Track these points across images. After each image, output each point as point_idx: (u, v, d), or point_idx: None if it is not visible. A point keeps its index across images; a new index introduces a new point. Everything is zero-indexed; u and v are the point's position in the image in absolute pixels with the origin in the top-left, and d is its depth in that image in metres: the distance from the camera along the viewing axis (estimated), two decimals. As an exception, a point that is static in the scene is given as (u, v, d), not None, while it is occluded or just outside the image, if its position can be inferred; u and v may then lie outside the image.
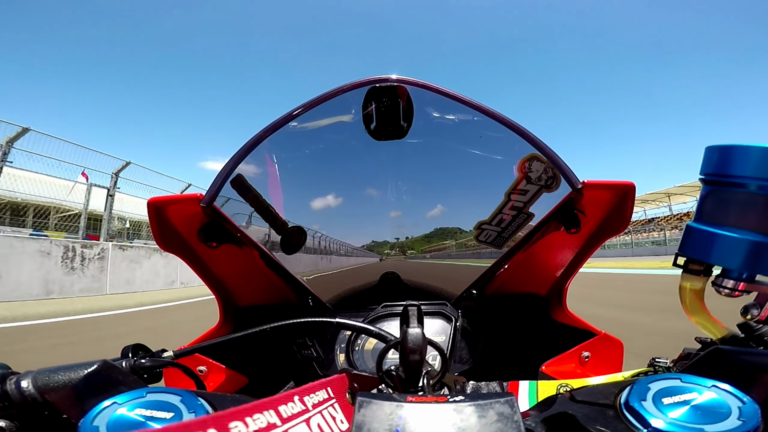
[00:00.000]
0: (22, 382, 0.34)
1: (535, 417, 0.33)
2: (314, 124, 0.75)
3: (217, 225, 0.75)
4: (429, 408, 0.27)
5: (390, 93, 0.71)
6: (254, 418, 0.25)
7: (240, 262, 0.84)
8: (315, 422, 0.30)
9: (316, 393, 0.33)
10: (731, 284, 0.44)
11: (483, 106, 0.69)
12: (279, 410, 0.27)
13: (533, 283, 0.94)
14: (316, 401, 0.32)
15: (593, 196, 0.70)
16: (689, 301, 0.49)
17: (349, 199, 0.86)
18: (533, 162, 0.73)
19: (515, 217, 0.81)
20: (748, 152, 0.42)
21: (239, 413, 0.24)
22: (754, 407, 0.28)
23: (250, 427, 0.24)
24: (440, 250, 0.95)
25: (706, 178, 0.47)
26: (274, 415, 0.27)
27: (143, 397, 0.33)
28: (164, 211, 0.71)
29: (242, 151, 0.70)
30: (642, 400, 0.30)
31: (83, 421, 0.30)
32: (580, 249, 0.83)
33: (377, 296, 0.94)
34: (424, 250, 0.96)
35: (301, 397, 0.31)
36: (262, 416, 0.26)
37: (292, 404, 0.29)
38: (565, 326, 0.88)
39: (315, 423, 0.30)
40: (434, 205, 0.88)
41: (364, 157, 0.82)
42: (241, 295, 0.93)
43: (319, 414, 0.31)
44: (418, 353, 0.43)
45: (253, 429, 0.24)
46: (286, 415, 0.28)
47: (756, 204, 0.42)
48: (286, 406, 0.28)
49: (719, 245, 0.44)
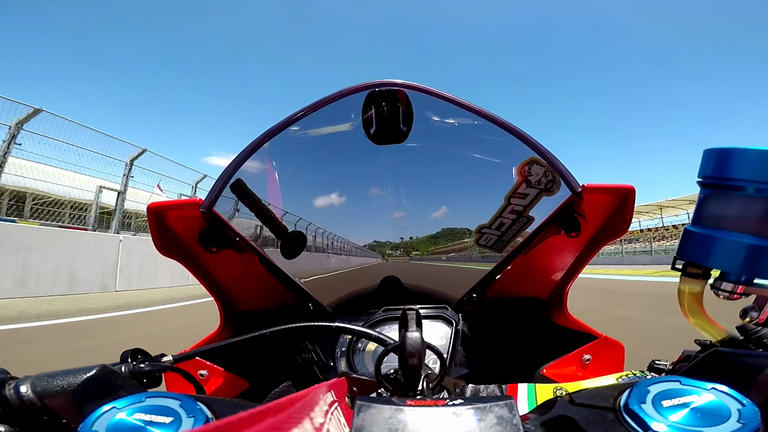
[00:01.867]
0: (21, 387, 0.34)
1: (534, 420, 0.33)
2: (314, 129, 0.75)
3: (216, 230, 0.75)
4: (428, 412, 0.27)
5: (390, 97, 0.71)
6: (254, 430, 0.24)
7: (240, 267, 0.84)
8: (315, 426, 0.30)
9: (318, 397, 0.33)
10: (730, 287, 0.44)
11: (482, 110, 0.69)
12: (279, 416, 0.27)
13: (534, 287, 0.94)
14: (317, 404, 0.32)
15: (593, 199, 0.70)
16: (688, 304, 0.49)
17: (349, 204, 0.86)
18: (533, 165, 0.73)
19: (515, 221, 0.81)
20: (746, 155, 0.42)
21: (240, 423, 0.23)
22: (753, 409, 0.28)
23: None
24: (459, 251, 0.92)
25: (704, 181, 0.47)
26: (274, 421, 0.26)
27: (142, 401, 0.33)
28: (164, 217, 0.71)
29: (242, 156, 0.70)
30: (641, 403, 0.30)
31: (82, 426, 0.30)
32: (580, 253, 0.83)
33: (378, 300, 0.94)
34: (433, 252, 0.95)
35: (301, 401, 0.31)
36: (262, 424, 0.25)
37: (293, 409, 0.29)
38: (565, 329, 0.88)
39: (315, 426, 0.30)
40: (434, 208, 0.88)
41: (363, 161, 0.82)
42: (242, 299, 0.93)
43: (320, 417, 0.31)
44: (417, 357, 0.43)
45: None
46: (286, 420, 0.28)
47: (754, 207, 0.42)
48: (286, 412, 0.28)
49: (717, 248, 0.44)
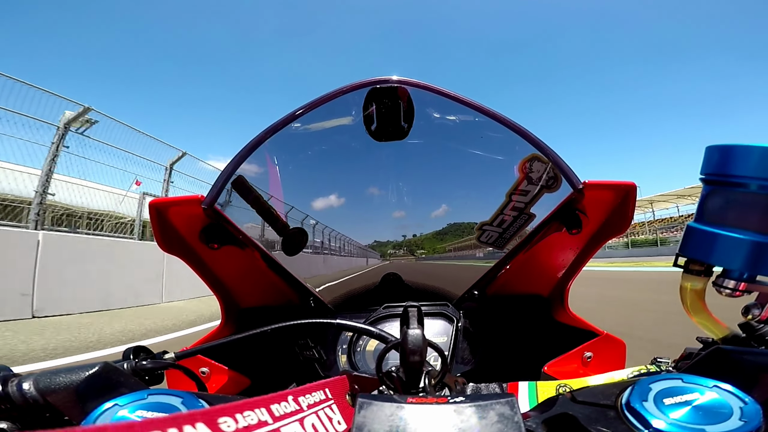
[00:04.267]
0: (23, 384, 0.34)
1: (535, 418, 0.33)
2: (315, 126, 0.75)
3: (218, 226, 0.75)
4: (429, 409, 0.27)
5: (391, 94, 0.71)
6: (245, 415, 0.25)
7: (242, 264, 0.84)
8: (309, 422, 0.30)
9: (312, 393, 0.33)
10: (732, 284, 0.44)
11: (483, 107, 0.69)
12: (271, 408, 0.28)
13: (535, 284, 0.94)
14: (312, 402, 0.32)
15: (594, 196, 0.70)
16: (690, 301, 0.49)
17: (350, 200, 0.86)
18: (534, 162, 0.73)
19: (516, 218, 0.81)
20: (749, 152, 0.42)
21: (230, 409, 0.24)
22: (755, 407, 0.28)
23: (240, 423, 0.24)
24: (470, 248, 0.89)
25: (706, 178, 0.46)
26: (265, 413, 0.27)
27: (144, 398, 0.33)
28: (166, 213, 0.72)
29: (243, 153, 0.70)
30: (643, 401, 0.30)
31: (84, 423, 0.30)
32: (581, 249, 0.83)
33: (379, 297, 0.94)
34: (444, 249, 0.93)
35: (296, 397, 0.31)
36: (252, 413, 0.26)
37: (286, 403, 0.29)
38: (567, 327, 0.88)
39: (309, 423, 0.30)
40: (436, 205, 0.88)
41: (365, 158, 0.82)
42: (243, 296, 0.93)
43: (314, 414, 0.31)
44: (418, 354, 0.43)
45: (243, 425, 0.24)
46: (278, 413, 0.28)
47: (757, 204, 0.42)
48: (279, 405, 0.28)
49: (720, 245, 0.44)
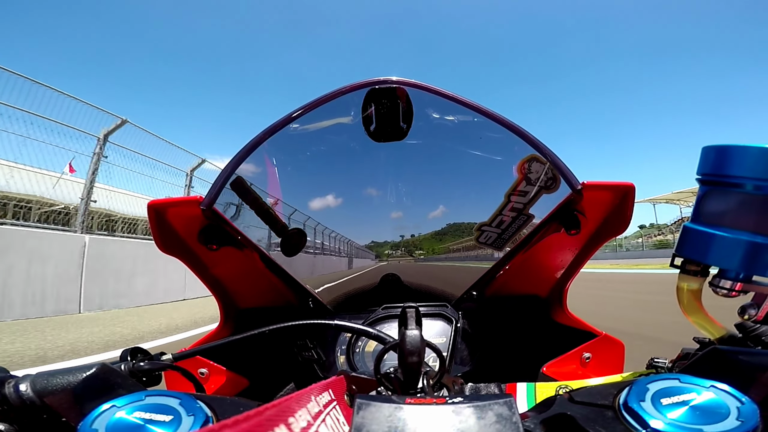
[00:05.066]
0: (20, 385, 0.34)
1: (533, 418, 0.33)
2: (314, 126, 0.75)
3: (217, 227, 0.75)
4: (428, 410, 0.27)
5: (389, 94, 0.71)
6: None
7: (240, 265, 0.84)
8: (319, 427, 0.29)
9: (319, 396, 0.32)
10: (728, 285, 0.44)
11: (482, 107, 0.69)
12: (288, 422, 0.26)
13: (534, 285, 0.94)
14: (321, 405, 0.32)
15: (593, 197, 0.70)
16: (687, 302, 0.49)
17: (349, 201, 0.86)
18: (533, 163, 0.73)
19: (515, 219, 0.81)
20: (745, 152, 0.42)
21: (246, 426, 0.22)
22: (752, 407, 0.28)
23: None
24: (470, 249, 0.87)
25: (702, 179, 0.47)
26: (284, 428, 0.25)
27: (142, 400, 0.33)
28: (164, 214, 0.71)
29: (242, 153, 0.70)
30: (641, 401, 0.30)
31: (82, 424, 0.30)
32: (580, 250, 0.83)
33: (378, 298, 0.94)
34: (443, 250, 0.93)
35: (306, 403, 0.30)
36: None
37: (300, 413, 0.28)
38: (565, 327, 0.88)
39: (319, 427, 0.29)
40: (434, 206, 0.88)
41: (363, 158, 0.82)
42: (242, 297, 0.93)
43: (324, 418, 0.31)
44: (417, 355, 0.42)
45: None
46: (284, 423, 0.26)
47: (753, 204, 0.42)
48: (294, 418, 0.27)
49: (716, 246, 0.44)
